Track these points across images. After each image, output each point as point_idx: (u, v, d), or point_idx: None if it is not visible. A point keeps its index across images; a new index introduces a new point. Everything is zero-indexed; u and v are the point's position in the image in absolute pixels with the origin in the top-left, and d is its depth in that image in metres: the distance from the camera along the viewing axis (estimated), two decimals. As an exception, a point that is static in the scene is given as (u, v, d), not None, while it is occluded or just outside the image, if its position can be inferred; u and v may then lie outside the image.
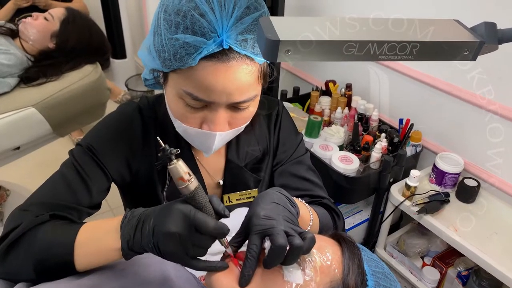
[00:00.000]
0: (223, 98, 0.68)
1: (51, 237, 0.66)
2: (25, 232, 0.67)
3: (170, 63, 0.66)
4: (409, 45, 0.51)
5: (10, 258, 0.66)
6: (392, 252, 1.50)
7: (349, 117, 1.61)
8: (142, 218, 0.60)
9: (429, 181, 1.43)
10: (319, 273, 0.60)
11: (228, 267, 0.61)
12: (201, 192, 0.58)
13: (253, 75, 0.68)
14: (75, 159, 0.80)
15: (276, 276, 0.59)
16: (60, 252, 0.63)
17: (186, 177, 0.56)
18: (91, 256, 0.63)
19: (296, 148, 0.96)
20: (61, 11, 1.75)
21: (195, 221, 0.56)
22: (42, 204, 0.73)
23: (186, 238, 0.56)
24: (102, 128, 0.84)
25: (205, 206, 0.58)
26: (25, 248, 0.66)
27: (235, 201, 0.92)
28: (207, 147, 0.76)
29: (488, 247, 1.18)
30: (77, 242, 0.64)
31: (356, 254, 0.65)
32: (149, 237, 0.57)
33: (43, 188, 0.78)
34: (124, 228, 0.61)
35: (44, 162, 2.25)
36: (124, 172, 0.84)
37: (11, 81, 1.61)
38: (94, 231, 0.65)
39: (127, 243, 0.60)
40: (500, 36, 0.54)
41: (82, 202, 0.77)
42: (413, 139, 1.49)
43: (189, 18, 0.63)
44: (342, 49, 0.49)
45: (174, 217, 0.56)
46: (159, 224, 0.57)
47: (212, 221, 0.57)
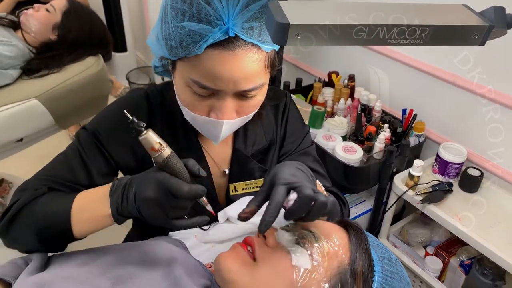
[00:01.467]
0: (230, 86, 0.68)
1: (49, 207, 0.71)
2: (25, 204, 0.72)
3: (176, 51, 0.67)
4: (419, 29, 0.51)
5: (13, 229, 0.72)
6: (395, 242, 1.51)
7: (352, 108, 1.60)
8: (127, 185, 0.66)
9: (432, 171, 1.44)
10: (326, 259, 0.61)
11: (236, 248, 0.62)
12: (174, 159, 0.62)
13: (260, 63, 0.68)
14: (79, 142, 0.82)
15: (284, 261, 0.60)
16: (58, 221, 0.69)
17: (157, 146, 0.60)
18: (86, 223, 0.69)
19: (303, 140, 0.97)
20: (62, 2, 1.75)
21: (169, 187, 0.60)
22: (41, 180, 0.78)
23: (163, 203, 0.61)
24: (108, 114, 0.85)
25: (180, 171, 0.62)
26: (26, 219, 0.72)
27: (241, 191, 0.92)
28: (215, 135, 0.76)
29: (492, 236, 1.19)
30: (72, 210, 0.69)
31: (363, 240, 0.66)
32: (132, 203, 0.63)
33: (45, 167, 0.82)
34: (112, 195, 0.66)
35: (46, 155, 2.25)
36: (129, 158, 0.85)
37: (13, 73, 1.61)
38: (87, 199, 0.71)
39: (116, 209, 0.66)
40: (509, 20, 0.54)
41: (81, 182, 0.80)
42: (416, 129, 1.49)
43: (195, 5, 0.63)
44: (351, 33, 0.49)
45: (150, 184, 0.61)
46: (139, 191, 0.63)
47: (185, 186, 0.60)
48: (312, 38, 0.48)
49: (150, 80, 3.24)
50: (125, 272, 0.63)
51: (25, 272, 0.61)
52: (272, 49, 0.70)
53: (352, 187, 1.45)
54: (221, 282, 0.62)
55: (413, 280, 1.45)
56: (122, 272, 0.63)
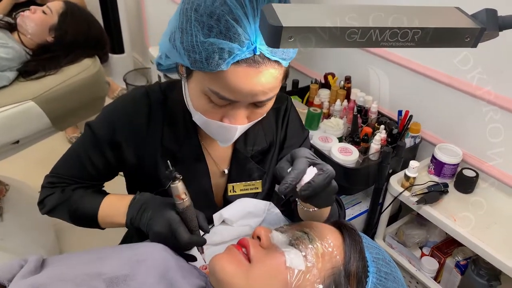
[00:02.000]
0: (249, 99, 0.70)
1: (80, 209, 0.88)
2: (58, 204, 0.89)
3: (201, 65, 0.66)
4: (411, 32, 0.51)
5: (52, 215, 0.91)
6: (391, 242, 1.51)
7: (348, 109, 1.61)
8: (144, 206, 0.78)
9: (428, 172, 1.44)
10: (320, 260, 0.61)
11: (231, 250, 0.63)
12: (191, 209, 0.74)
13: (278, 78, 0.70)
14: (84, 139, 0.88)
15: (278, 262, 0.60)
16: (88, 221, 0.88)
17: (182, 196, 0.72)
18: (108, 224, 0.87)
19: (302, 143, 0.99)
20: (59, 4, 1.75)
21: (175, 232, 0.72)
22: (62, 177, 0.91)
23: (169, 239, 0.72)
24: (109, 112, 0.87)
25: (191, 221, 0.74)
26: (62, 214, 0.90)
27: (238, 191, 0.93)
28: (227, 139, 0.79)
29: (487, 237, 1.19)
30: (99, 215, 0.86)
31: (357, 241, 0.66)
32: (144, 226, 0.76)
33: (63, 160, 0.92)
34: (131, 208, 0.80)
35: (43, 157, 2.25)
36: (131, 156, 0.86)
37: (10, 75, 1.61)
38: (110, 208, 0.86)
39: (130, 220, 0.79)
40: (501, 22, 0.54)
41: (92, 178, 0.91)
42: (412, 131, 1.49)
43: (223, 23, 0.62)
44: (344, 35, 0.49)
45: (162, 222, 0.73)
46: (151, 222, 0.75)
47: (186, 238, 0.72)
48: (305, 40, 0.49)
49: (148, 81, 3.24)
50: (120, 274, 0.63)
51: (20, 274, 0.61)
52: (289, 62, 0.72)
53: (348, 188, 1.45)
54: (216, 283, 0.63)
55: (409, 281, 1.45)
56: (117, 274, 0.63)
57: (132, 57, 3.31)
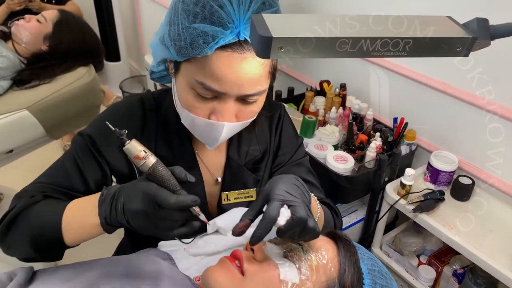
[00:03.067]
0: (235, 90, 0.69)
1: (42, 215, 0.72)
2: (20, 211, 0.73)
3: (186, 51, 0.67)
4: (402, 42, 0.51)
5: (9, 237, 0.73)
6: (388, 251, 1.50)
7: (343, 116, 1.61)
8: (115, 195, 0.65)
9: (424, 179, 1.44)
10: (315, 272, 0.60)
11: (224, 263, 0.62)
12: (160, 167, 0.60)
13: (265, 69, 0.71)
14: (75, 148, 0.83)
15: (272, 275, 0.59)
16: (50, 230, 0.69)
17: (141, 154, 0.59)
18: (76, 232, 0.69)
19: (296, 151, 0.98)
20: (54, 13, 1.75)
21: (155, 198, 0.59)
22: (38, 187, 0.79)
23: (151, 215, 0.59)
24: (102, 119, 0.85)
25: (167, 180, 0.61)
26: (21, 227, 0.72)
27: (233, 200, 0.92)
28: (213, 138, 0.77)
29: (484, 245, 1.19)
30: (63, 219, 0.69)
31: (352, 252, 0.65)
32: (121, 214, 0.62)
33: (42, 174, 0.83)
34: (101, 206, 0.66)
35: (37, 165, 2.23)
36: (123, 165, 0.85)
37: (4, 84, 1.60)
38: (76, 209, 0.71)
39: (104, 219, 0.65)
40: (492, 32, 0.54)
41: (77, 188, 0.81)
42: (407, 138, 1.49)
43: (207, 8, 0.65)
44: (335, 45, 0.49)
45: (138, 196, 0.60)
46: (127, 203, 0.62)
47: (172, 197, 0.59)
48: (296, 51, 0.48)
49: (144, 89, 3.24)
50: (111, 287, 0.62)
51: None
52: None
53: (344, 196, 1.45)
54: (209, 296, 0.61)
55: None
56: (108, 287, 0.62)
57: (128, 64, 3.31)
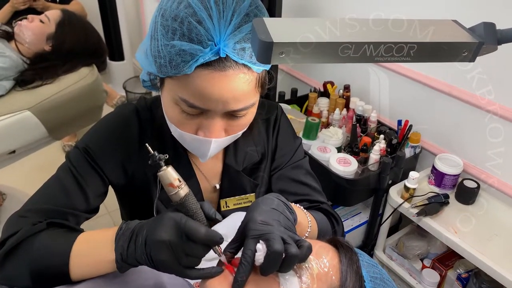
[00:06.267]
0: (219, 106, 0.67)
1: (48, 247, 0.66)
2: (22, 240, 0.67)
3: (165, 70, 0.65)
4: (406, 46, 0.50)
5: (7, 265, 0.67)
6: (391, 254, 1.49)
7: (347, 118, 1.59)
8: (136, 229, 0.60)
9: (428, 182, 1.42)
10: (316, 280, 0.59)
11: (223, 272, 0.60)
12: (191, 198, 0.59)
13: (251, 84, 0.67)
14: (71, 163, 0.79)
15: (271, 283, 0.58)
16: (56, 263, 0.64)
17: (176, 183, 0.57)
18: (86, 267, 0.63)
19: (295, 153, 0.95)
20: (57, 13, 1.74)
21: (185, 228, 0.56)
22: (39, 210, 0.73)
23: (177, 246, 0.55)
24: (98, 130, 0.83)
25: (196, 213, 0.59)
26: (22, 257, 0.66)
27: (232, 206, 0.91)
28: (202, 153, 0.75)
29: (488, 249, 1.17)
30: (72, 253, 0.64)
31: (354, 259, 0.64)
32: (142, 248, 0.57)
33: (40, 193, 0.78)
34: (119, 240, 0.61)
35: (40, 165, 2.24)
36: (120, 175, 0.83)
37: (7, 84, 1.60)
38: (90, 242, 0.66)
39: (120, 255, 0.60)
40: (499, 36, 0.52)
41: (79, 207, 0.77)
42: (412, 141, 1.48)
43: (186, 24, 0.61)
44: (337, 50, 0.48)
45: (165, 225, 0.56)
46: (151, 233, 0.57)
47: (203, 228, 0.56)
48: (297, 56, 0.47)
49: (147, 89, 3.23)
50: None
51: None
52: (263, 69, 0.69)
53: (348, 199, 1.43)
54: (208, 304, 0.60)
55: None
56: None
57: (132, 64, 3.31)
